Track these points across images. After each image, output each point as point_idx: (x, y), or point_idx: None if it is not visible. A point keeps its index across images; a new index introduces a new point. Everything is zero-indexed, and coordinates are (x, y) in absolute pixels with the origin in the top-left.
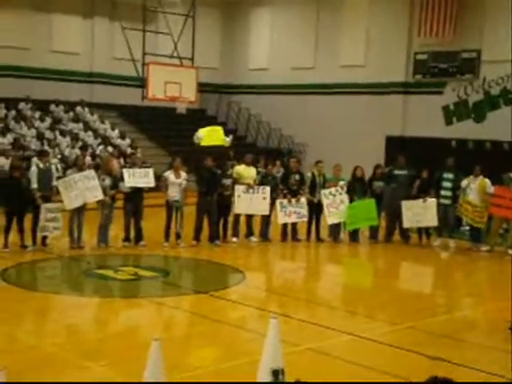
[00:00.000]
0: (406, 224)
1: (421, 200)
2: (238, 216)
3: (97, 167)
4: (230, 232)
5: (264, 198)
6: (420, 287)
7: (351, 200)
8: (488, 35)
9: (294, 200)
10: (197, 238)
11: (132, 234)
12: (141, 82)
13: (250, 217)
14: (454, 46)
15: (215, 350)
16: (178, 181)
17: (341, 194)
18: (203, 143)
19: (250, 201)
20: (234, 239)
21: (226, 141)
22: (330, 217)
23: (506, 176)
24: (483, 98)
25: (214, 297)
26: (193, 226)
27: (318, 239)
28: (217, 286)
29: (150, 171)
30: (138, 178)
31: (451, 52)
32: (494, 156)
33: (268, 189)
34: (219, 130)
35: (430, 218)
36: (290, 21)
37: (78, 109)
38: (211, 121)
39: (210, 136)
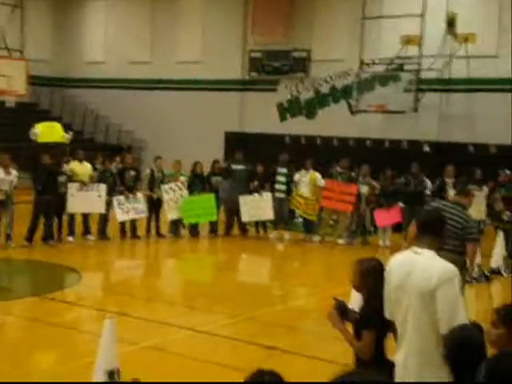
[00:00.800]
0: (244, 218)
1: (257, 194)
2: (73, 214)
3: None
4: (65, 231)
5: (99, 196)
6: (257, 279)
7: (190, 195)
8: (317, 35)
9: (131, 196)
10: (29, 238)
11: None
12: None
13: (86, 215)
14: (286, 45)
15: (51, 354)
16: (7, 178)
17: (181, 189)
18: (41, 139)
19: (84, 199)
20: (70, 238)
21: (66, 137)
22: (171, 212)
23: (335, 170)
24: (314, 95)
25: (48, 299)
26: (27, 226)
27: (159, 235)
28: (51, 288)
29: None
30: None
31: (284, 51)
32: (325, 151)
33: (103, 186)
34: (57, 125)
35: (267, 212)
36: (125, 14)
37: None
38: (44, 115)
39: (48, 132)
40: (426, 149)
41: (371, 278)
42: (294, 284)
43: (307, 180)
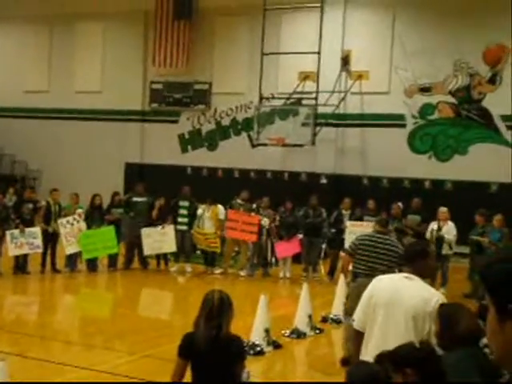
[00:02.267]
0: (146, 251)
1: (159, 227)
2: None
3: None
4: None
5: None
6: (158, 314)
7: (89, 228)
8: (218, 68)
9: (27, 230)
10: None
11: None
12: None
13: None
14: (187, 77)
15: None
16: None
17: (78, 222)
18: None
19: None
20: None
21: None
22: (68, 247)
23: (236, 202)
24: (215, 127)
25: None
26: None
27: (54, 270)
28: None
29: None
30: None
31: (185, 83)
32: (226, 183)
33: None
34: None
35: (169, 245)
36: (21, 42)
37: None
38: None
39: None
40: (324, 181)
41: None
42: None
43: (210, 214)
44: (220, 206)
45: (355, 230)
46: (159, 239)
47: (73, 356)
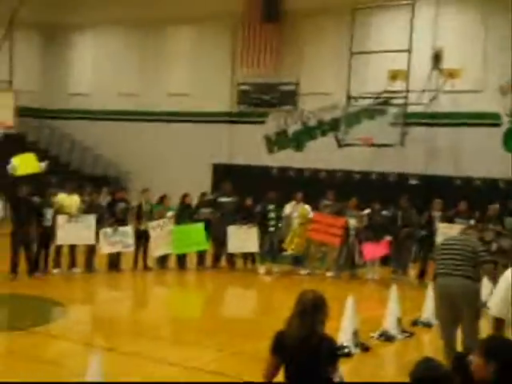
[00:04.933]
0: (230, 249)
1: (245, 226)
2: (59, 246)
3: None
4: (51, 263)
5: (89, 227)
6: (245, 312)
7: None
8: (305, 69)
9: (119, 229)
10: (13, 270)
11: None
12: None
13: (72, 247)
14: (274, 79)
15: None
16: None
17: (167, 225)
18: (18, 172)
19: (73, 230)
20: (56, 271)
21: (41, 167)
22: (157, 249)
23: (322, 203)
24: (302, 128)
25: (31, 333)
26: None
27: (145, 268)
28: (35, 322)
29: None
30: None
31: (272, 84)
32: (312, 183)
33: (93, 217)
34: (32, 156)
35: (252, 244)
36: (113, 46)
37: None
38: (31, 146)
39: (24, 164)
40: (413, 182)
41: None
42: (284, 317)
43: (298, 214)
44: (307, 206)
45: (447, 232)
46: (243, 238)
47: (163, 352)
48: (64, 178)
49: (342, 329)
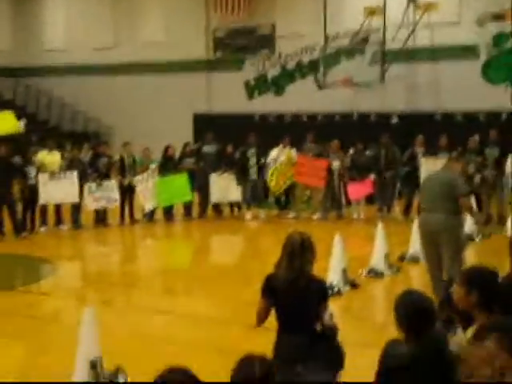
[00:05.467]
0: (213, 199)
1: (226, 174)
2: (45, 204)
3: None
4: (37, 222)
5: (72, 184)
6: (234, 259)
7: None
8: (280, 11)
9: (103, 183)
10: None
11: None
12: None
13: (58, 204)
14: (250, 23)
15: (30, 346)
16: None
17: (153, 178)
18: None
19: (57, 188)
20: (43, 229)
21: (19, 126)
22: (146, 203)
23: (305, 146)
24: (280, 71)
25: (23, 292)
26: None
27: (132, 221)
28: (26, 280)
29: None
30: None
31: (248, 28)
32: (294, 127)
33: (75, 173)
34: (9, 115)
35: (234, 192)
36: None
37: None
38: (7, 105)
39: (1, 124)
40: (395, 120)
41: None
42: (272, 261)
43: (285, 157)
44: (294, 150)
45: (430, 168)
46: (225, 186)
47: (156, 302)
48: (43, 136)
49: (331, 267)
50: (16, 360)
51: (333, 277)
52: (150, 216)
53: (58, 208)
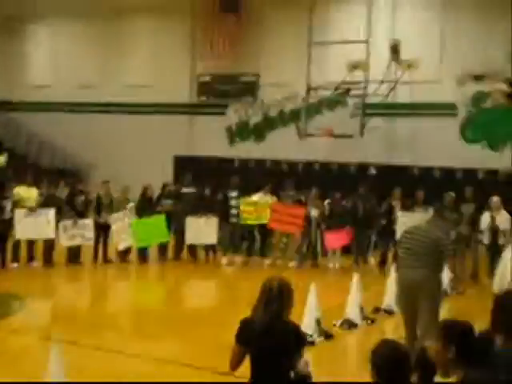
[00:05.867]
0: (188, 240)
1: (204, 217)
2: (17, 240)
3: None
4: (9, 257)
5: (48, 221)
6: (209, 303)
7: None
8: (265, 60)
9: (79, 222)
10: None
11: None
12: None
13: (31, 241)
14: (234, 70)
15: None
16: None
17: (129, 217)
18: None
19: (32, 224)
20: (15, 265)
21: (1, 161)
22: (120, 242)
23: (284, 194)
24: (262, 119)
25: None
26: None
27: (106, 261)
28: None
29: None
30: None
31: (232, 75)
32: (274, 174)
33: (52, 211)
34: None
35: (210, 236)
36: (71, 37)
37: None
38: None
39: None
40: (373, 172)
41: None
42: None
43: (265, 204)
44: (274, 198)
45: (406, 221)
46: (202, 229)
47: (125, 344)
48: (21, 171)
49: (305, 317)
50: None
51: (307, 327)
52: (124, 256)
53: (30, 244)
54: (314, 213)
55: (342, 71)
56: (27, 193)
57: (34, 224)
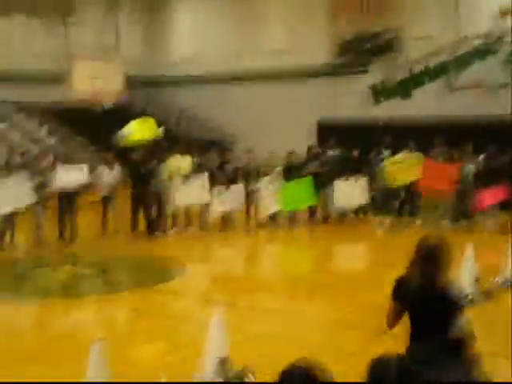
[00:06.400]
0: (337, 203)
1: (352, 179)
2: (175, 207)
3: (24, 167)
4: (167, 223)
5: (203, 186)
6: (360, 265)
7: None
8: (409, 13)
9: (232, 187)
10: (133, 228)
11: (67, 232)
12: (63, 78)
13: (187, 206)
14: (377, 26)
15: (160, 344)
16: (110, 175)
17: (276, 182)
18: (133, 138)
19: (188, 191)
20: (172, 230)
21: (159, 132)
22: (269, 207)
23: (435, 151)
24: (408, 75)
25: (155, 291)
26: (125, 221)
27: (257, 225)
28: (158, 280)
29: (84, 167)
30: (71, 174)
31: (374, 32)
32: (423, 131)
33: (206, 175)
34: (151, 121)
35: (360, 197)
36: (211, 9)
37: (3, 109)
38: (139, 115)
39: (141, 130)
40: None
41: None
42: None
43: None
44: (419, 154)
45: None
46: (351, 191)
47: (281, 305)
48: (172, 144)
49: (463, 276)
50: (147, 357)
51: (465, 286)
52: (274, 220)
53: (186, 210)
54: (468, 169)
55: (492, 18)
56: (180, 162)
57: (190, 190)
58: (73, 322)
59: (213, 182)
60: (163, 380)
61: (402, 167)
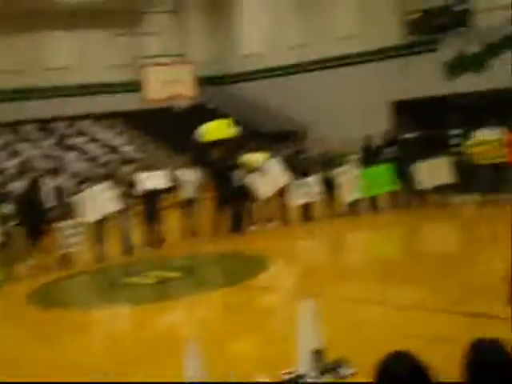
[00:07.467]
0: (422, 185)
1: (433, 160)
2: (253, 203)
3: (107, 176)
4: (251, 219)
5: (276, 174)
6: (448, 247)
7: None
8: None
9: (307, 179)
10: (218, 228)
11: (154, 236)
12: (137, 86)
13: (267, 202)
14: (444, 1)
15: (255, 339)
16: (192, 177)
17: (354, 169)
18: (212, 137)
19: (268, 180)
20: (253, 227)
21: (236, 131)
22: (349, 195)
23: None
24: (481, 48)
25: (245, 287)
26: (209, 221)
27: (338, 214)
28: (247, 276)
29: (166, 171)
30: (153, 180)
31: (442, 7)
32: (499, 105)
33: (277, 165)
34: (225, 122)
35: (445, 176)
36: (278, 1)
37: (80, 122)
38: (212, 114)
39: (215, 130)
40: None
41: None
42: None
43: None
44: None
45: None
46: (433, 171)
47: (370, 293)
48: (246, 139)
49: None
50: (242, 352)
51: None
52: (355, 207)
53: (268, 204)
54: None
55: None
56: (255, 157)
57: (269, 179)
58: (169, 324)
59: (290, 172)
60: (232, 379)
61: (488, 147)
